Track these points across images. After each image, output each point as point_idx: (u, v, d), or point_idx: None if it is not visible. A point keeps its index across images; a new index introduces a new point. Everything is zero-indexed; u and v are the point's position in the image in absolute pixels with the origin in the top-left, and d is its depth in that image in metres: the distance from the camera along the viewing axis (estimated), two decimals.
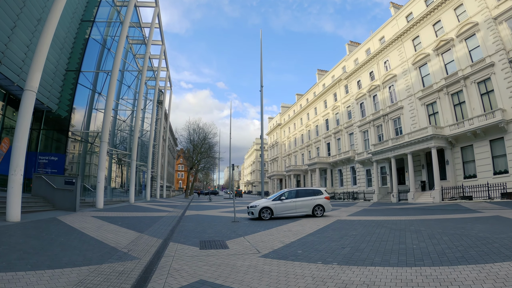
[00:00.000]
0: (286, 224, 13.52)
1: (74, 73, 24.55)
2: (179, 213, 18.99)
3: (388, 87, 39.46)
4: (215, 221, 15.31)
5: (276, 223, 14.02)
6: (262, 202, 16.17)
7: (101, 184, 19.84)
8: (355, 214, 19.02)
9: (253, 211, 15.82)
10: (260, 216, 15.67)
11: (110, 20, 28.81)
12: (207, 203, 35.44)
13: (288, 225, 13.20)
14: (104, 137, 20.74)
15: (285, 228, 12.19)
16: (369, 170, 42.66)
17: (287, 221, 14.73)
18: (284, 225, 13.20)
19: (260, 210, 15.71)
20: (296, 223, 13.90)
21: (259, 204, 15.92)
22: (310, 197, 17.00)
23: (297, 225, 13.16)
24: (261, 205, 15.87)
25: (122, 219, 14.55)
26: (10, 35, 16.78)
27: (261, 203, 16.02)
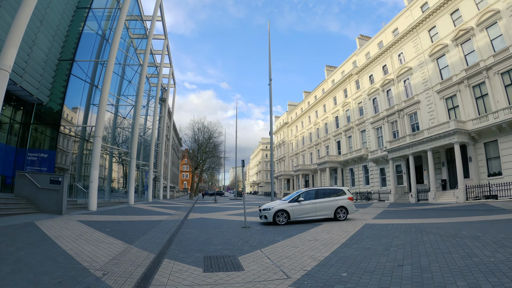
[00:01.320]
0: (307, 231, 11.27)
1: (68, 63, 22.50)
2: (182, 216, 16.81)
3: (403, 81, 37.14)
4: (222, 226, 13.10)
5: (295, 229, 11.79)
6: (277, 204, 13.93)
7: (94, 184, 17.71)
8: (379, 216, 16.75)
9: (267, 215, 13.57)
10: (274, 220, 13.43)
11: (109, 7, 26.67)
12: (212, 204, 33.22)
13: (310, 232, 10.96)
14: (98, 132, 18.61)
15: (308, 236, 9.95)
16: (383, 169, 40.29)
17: (307, 226, 12.52)
18: (306, 232, 10.96)
19: (274, 213, 13.46)
20: (320, 229, 11.66)
21: (274, 207, 13.67)
22: (332, 198, 14.76)
23: (322, 232, 10.91)
24: (276, 207, 13.63)
25: (113, 224, 12.37)
26: None
27: (276, 206, 13.78)
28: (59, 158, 21.21)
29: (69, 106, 22.88)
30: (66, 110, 22.29)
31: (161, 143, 47.07)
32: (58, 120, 20.50)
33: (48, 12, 20.45)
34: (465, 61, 28.46)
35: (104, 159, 29.65)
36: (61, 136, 21.38)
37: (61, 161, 21.67)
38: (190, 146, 61.47)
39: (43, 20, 19.93)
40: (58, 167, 20.62)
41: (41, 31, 19.90)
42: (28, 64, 18.71)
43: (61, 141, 21.46)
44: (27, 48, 18.58)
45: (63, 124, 20.75)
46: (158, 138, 47.50)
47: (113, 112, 30.81)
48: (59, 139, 20.61)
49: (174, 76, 51.84)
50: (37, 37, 19.57)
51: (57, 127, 20.36)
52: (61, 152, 21.59)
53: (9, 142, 19.49)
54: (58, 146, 20.67)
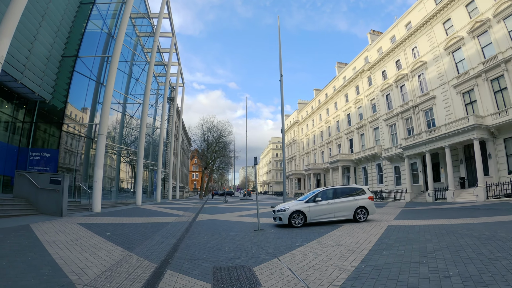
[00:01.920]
0: (327, 234, 10.19)
1: (72, 60, 21.77)
2: (190, 218, 15.84)
3: (417, 75, 35.77)
4: (234, 229, 12.08)
5: (314, 232, 10.72)
6: (292, 205, 12.86)
7: (98, 184, 16.84)
8: (400, 217, 15.61)
9: (281, 216, 12.51)
10: (290, 222, 12.36)
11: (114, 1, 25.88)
12: (223, 204, 32.24)
13: (331, 235, 9.89)
14: (102, 129, 17.75)
15: (330, 241, 8.88)
16: (397, 167, 38.93)
17: (326, 229, 11.43)
18: (326, 235, 9.89)
19: (290, 215, 12.39)
20: (340, 232, 10.57)
21: (289, 208, 12.61)
22: (351, 197, 13.64)
23: (344, 235, 9.83)
24: (292, 208, 12.57)
25: (115, 227, 11.44)
26: None
27: (291, 206, 12.72)
28: (63, 157, 20.46)
29: (74, 104, 22.18)
30: (71, 108, 21.59)
31: (170, 142, 46.27)
32: (61, 118, 19.73)
33: (50, 7, 19.71)
34: (482, 54, 27.16)
35: (111, 159, 28.97)
36: (65, 135, 20.64)
37: (65, 161, 20.91)
38: (200, 145, 60.76)
39: (44, 15, 19.18)
40: (61, 167, 19.86)
41: (42, 27, 19.16)
42: (29, 60, 17.96)
43: (65, 140, 20.72)
44: (28, 43, 17.85)
45: (66, 122, 19.94)
46: (167, 137, 46.74)
47: (120, 111, 30.11)
48: (62, 138, 19.85)
49: (182, 74, 51.01)
50: (39, 33, 18.83)
51: (60, 125, 19.58)
52: (65, 151, 20.85)
53: (11, 141, 18.79)
54: (61, 145, 19.92)
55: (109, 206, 20.75)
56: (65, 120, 19.86)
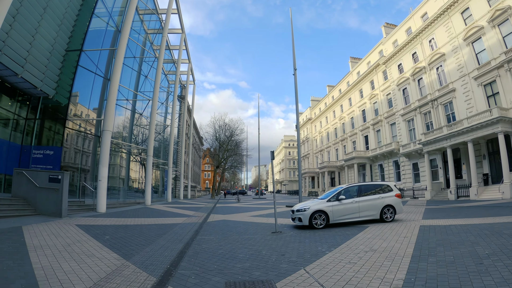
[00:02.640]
0: (355, 237, 8.94)
1: (76, 54, 20.84)
2: (201, 219, 14.70)
3: (435, 68, 34.09)
4: (248, 231, 10.87)
5: (339, 234, 9.49)
6: (314, 204, 11.57)
7: (102, 182, 15.83)
8: (428, 216, 14.22)
9: (301, 217, 11.24)
10: (311, 223, 11.09)
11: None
12: (235, 204, 31.08)
13: (359, 238, 8.63)
14: (107, 125, 16.75)
15: (361, 245, 7.62)
16: (415, 164, 37.28)
17: (352, 230, 10.19)
18: (354, 238, 8.63)
19: (311, 215, 11.11)
20: (369, 234, 9.30)
21: (310, 207, 11.33)
22: (377, 195, 12.32)
23: (374, 238, 8.56)
24: (312, 208, 11.29)
25: (116, 229, 10.35)
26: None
27: (312, 206, 11.43)
28: (68, 156, 19.55)
29: (80, 101, 21.28)
30: (76, 104, 20.66)
31: (181, 141, 45.36)
32: (65, 114, 18.78)
33: (54, 0, 18.85)
34: (503, 43, 25.49)
35: (121, 157, 28.10)
36: (70, 132, 19.73)
37: (70, 159, 19.99)
38: (212, 144, 59.73)
39: (46, 7, 18.26)
40: (66, 166, 18.94)
41: (44, 19, 18.24)
42: (30, 54, 17.04)
43: (69, 137, 19.81)
44: (28, 36, 16.95)
45: (70, 118, 19.00)
46: (178, 136, 45.89)
47: (129, 109, 29.25)
48: (66, 134, 18.91)
49: (193, 72, 50.05)
50: (40, 25, 17.91)
51: (64, 121, 18.64)
52: (69, 149, 19.93)
53: (13, 139, 17.93)
54: (66, 142, 19.00)
55: (116, 206, 19.78)
56: (68, 116, 18.89)
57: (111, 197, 23.11)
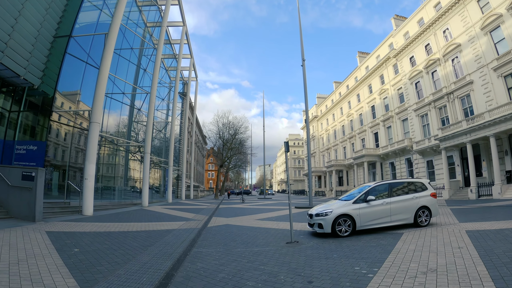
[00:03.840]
0: (394, 248, 6.94)
1: (66, 40, 18.99)
2: (200, 223, 12.72)
3: (450, 60, 31.96)
4: (257, 240, 8.86)
5: (372, 245, 7.51)
6: (337, 207, 9.50)
7: (89, 181, 13.92)
8: (464, 218, 11.95)
9: (322, 223, 9.18)
10: (334, 230, 9.08)
11: None
12: (240, 204, 29.05)
13: (401, 251, 6.65)
14: (94, 116, 14.85)
15: (409, 261, 5.65)
16: (430, 162, 35.11)
17: (385, 238, 8.25)
18: (395, 251, 6.64)
19: (334, 220, 9.10)
20: (411, 244, 7.30)
21: (332, 210, 9.28)
22: (410, 194, 10.31)
23: (420, 250, 6.58)
24: (336, 211, 9.25)
25: (94, 239, 8.40)
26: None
27: (335, 209, 9.39)
28: (54, 151, 17.67)
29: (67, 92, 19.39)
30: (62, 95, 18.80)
31: (183, 139, 43.44)
32: (50, 105, 16.91)
33: None
34: None
35: (117, 155, 26.30)
36: (56, 125, 17.85)
37: (57, 156, 18.11)
38: (215, 142, 57.76)
39: None
40: (50, 162, 17.07)
41: (29, 1, 16.44)
42: (12, 38, 15.20)
43: (56, 131, 17.94)
44: (9, 18, 15.11)
45: (55, 110, 17.12)
46: (180, 134, 44.04)
47: (128, 104, 27.43)
48: (52, 128, 17.06)
49: (195, 68, 48.14)
50: (24, 7, 16.08)
51: (49, 113, 16.76)
52: (59, 145, 18.06)
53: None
54: (51, 136, 17.14)
55: (107, 208, 17.89)
56: (54, 108, 17.00)
57: (105, 198, 21.29)
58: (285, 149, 8.68)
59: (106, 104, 23.85)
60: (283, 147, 58.97)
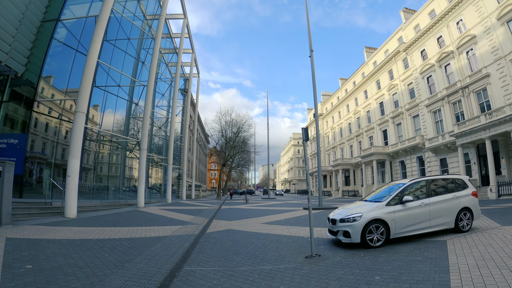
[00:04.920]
0: (450, 264, 5.19)
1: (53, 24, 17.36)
2: (199, 228, 10.97)
3: (465, 52, 30.10)
4: (267, 253, 7.03)
5: (418, 260, 5.77)
6: (367, 210, 7.63)
7: (72, 179, 12.21)
8: (502, 221, 10.09)
9: (349, 230, 7.34)
10: (364, 239, 7.26)
11: None
12: (243, 205, 27.18)
13: (461, 267, 4.92)
14: (80, 106, 13.12)
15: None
16: (444, 160, 33.20)
17: (428, 249, 6.50)
18: (454, 269, 4.89)
19: (364, 227, 7.27)
20: (467, 258, 5.51)
21: (362, 214, 7.43)
22: (450, 194, 8.53)
23: (490, 268, 4.78)
24: (366, 216, 7.40)
25: (61, 249, 6.67)
26: None
27: (366, 212, 7.53)
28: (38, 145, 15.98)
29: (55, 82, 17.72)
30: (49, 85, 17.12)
31: (184, 136, 41.70)
32: (33, 95, 15.23)
33: None
34: None
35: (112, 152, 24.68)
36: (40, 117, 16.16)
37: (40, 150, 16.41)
38: (217, 140, 56.00)
39: None
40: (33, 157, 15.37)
41: None
42: None
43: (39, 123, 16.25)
44: None
45: (39, 100, 15.43)
46: (182, 131, 42.32)
47: (125, 98, 25.77)
48: (35, 120, 15.37)
49: (197, 63, 46.37)
50: None
51: (31, 104, 15.08)
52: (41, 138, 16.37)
53: None
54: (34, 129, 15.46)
55: (98, 209, 16.18)
56: (38, 97, 15.31)
57: (97, 198, 19.59)
58: (303, 137, 6.93)
59: (99, 96, 22.31)
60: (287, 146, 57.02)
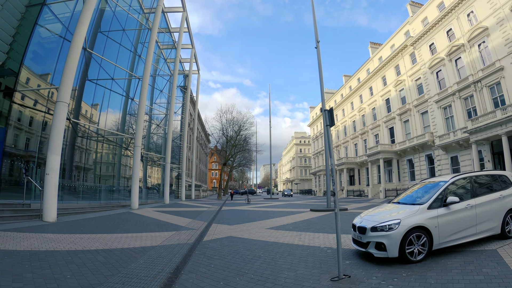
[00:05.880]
0: None
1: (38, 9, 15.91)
2: (195, 234, 9.44)
3: (476, 45, 28.61)
4: (280, 274, 5.34)
5: (481, 281, 4.27)
6: (405, 215, 6.01)
7: (51, 178, 10.69)
8: None
9: (385, 241, 5.71)
10: (403, 252, 5.64)
11: None
12: (245, 206, 25.55)
13: None
14: (61, 95, 11.58)
15: None
16: (455, 158, 31.59)
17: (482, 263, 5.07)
18: None
19: (404, 236, 5.67)
20: None
21: (400, 221, 5.83)
22: (496, 193, 7.02)
23: None
24: (406, 222, 5.80)
25: (16, 264, 5.18)
26: None
27: (404, 218, 5.90)
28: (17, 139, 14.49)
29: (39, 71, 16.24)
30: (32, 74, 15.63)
31: (183, 134, 40.17)
32: (13, 84, 13.73)
33: None
34: None
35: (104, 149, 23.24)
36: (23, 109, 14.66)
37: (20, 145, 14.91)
38: (218, 139, 54.41)
39: None
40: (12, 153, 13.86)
41: None
42: None
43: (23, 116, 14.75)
44: None
45: (18, 90, 13.93)
46: (181, 129, 40.83)
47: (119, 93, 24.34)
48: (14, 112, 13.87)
49: (197, 59, 44.80)
50: None
51: (10, 94, 13.59)
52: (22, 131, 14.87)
53: None
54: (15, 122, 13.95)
55: (85, 212, 14.66)
56: (17, 87, 13.81)
57: (87, 199, 18.10)
58: (325, 122, 5.39)
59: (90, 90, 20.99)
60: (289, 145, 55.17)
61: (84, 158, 20.43)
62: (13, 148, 14.07)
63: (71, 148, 19.34)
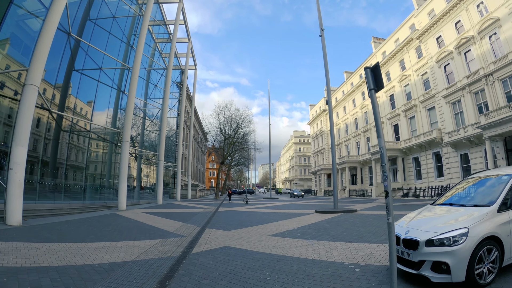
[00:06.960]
0: None
1: None
2: (184, 243, 7.77)
3: (487, 37, 27.25)
4: None
5: None
6: (471, 222, 4.26)
7: (15, 174, 9.00)
8: None
9: (449, 261, 3.95)
10: (471, 273, 3.94)
11: None
12: (244, 207, 23.81)
13: None
14: (31, 77, 9.86)
15: None
16: (465, 155, 29.99)
17: None
18: None
19: (473, 251, 3.96)
20: None
21: (467, 230, 4.11)
22: None
23: None
24: (474, 232, 4.08)
25: None
26: None
27: (472, 226, 4.18)
28: None
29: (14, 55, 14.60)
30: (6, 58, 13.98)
31: (179, 131, 38.43)
32: None
33: None
34: None
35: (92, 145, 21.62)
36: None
37: None
38: (216, 137, 52.65)
39: None
40: None
41: None
42: None
43: None
44: None
45: None
46: (177, 126, 39.15)
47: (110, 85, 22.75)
48: None
49: (194, 54, 42.96)
50: None
51: None
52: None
53: None
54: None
55: (63, 213, 12.99)
56: None
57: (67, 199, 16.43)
58: (369, 85, 3.60)
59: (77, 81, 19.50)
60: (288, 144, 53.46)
61: (71, 155, 18.83)
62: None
63: (55, 143, 17.72)
